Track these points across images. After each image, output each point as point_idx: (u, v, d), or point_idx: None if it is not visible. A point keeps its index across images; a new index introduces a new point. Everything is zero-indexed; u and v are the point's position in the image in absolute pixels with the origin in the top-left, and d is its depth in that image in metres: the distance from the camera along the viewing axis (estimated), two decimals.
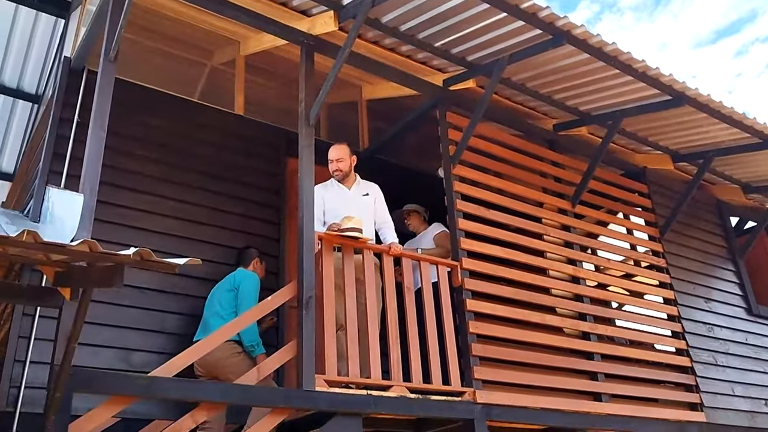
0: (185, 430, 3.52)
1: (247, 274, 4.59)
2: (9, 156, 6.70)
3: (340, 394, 3.90)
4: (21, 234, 2.04)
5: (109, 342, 4.35)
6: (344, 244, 4.35)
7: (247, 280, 4.50)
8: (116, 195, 4.66)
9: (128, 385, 3.37)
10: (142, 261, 2.27)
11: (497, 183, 5.51)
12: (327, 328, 4.03)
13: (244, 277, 4.52)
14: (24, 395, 3.87)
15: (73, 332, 2.81)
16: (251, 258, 4.80)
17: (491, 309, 4.83)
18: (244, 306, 4.30)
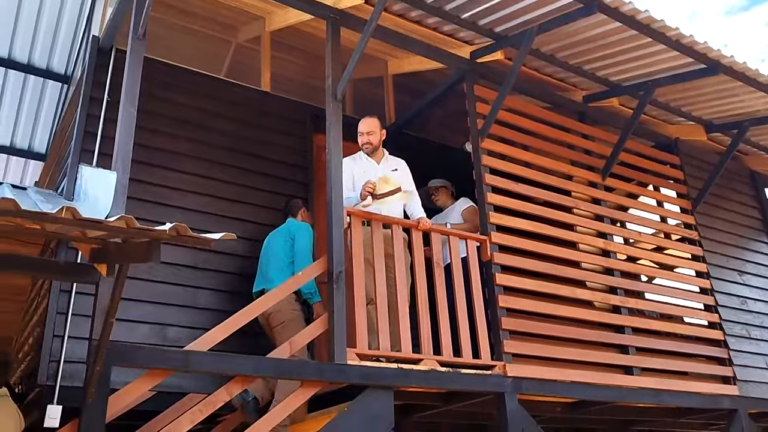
0: (220, 403, 3.59)
1: (301, 225, 4.70)
2: (41, 136, 6.80)
3: (372, 368, 3.94)
4: (60, 211, 2.07)
5: (144, 317, 4.43)
6: (373, 218, 4.36)
7: (302, 231, 4.61)
8: (146, 173, 4.70)
9: (165, 359, 3.43)
10: (178, 236, 2.30)
11: (526, 156, 5.45)
12: (357, 303, 4.05)
13: (299, 228, 4.63)
14: (63, 369, 3.97)
15: (110, 307, 2.87)
16: (298, 208, 4.90)
17: (521, 283, 4.81)
18: (301, 256, 4.41)
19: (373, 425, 3.83)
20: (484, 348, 4.46)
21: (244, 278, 4.90)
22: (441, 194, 5.64)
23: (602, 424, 6.49)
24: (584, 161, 5.87)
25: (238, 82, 5.54)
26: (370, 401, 3.87)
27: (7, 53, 6.05)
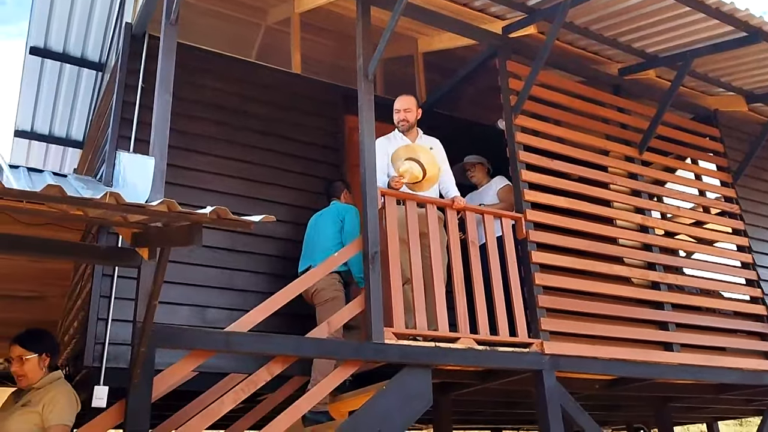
0: (261, 382, 3.65)
1: (349, 207, 4.76)
2: (78, 124, 6.93)
3: (409, 346, 3.96)
4: (104, 196, 2.11)
5: (184, 300, 4.51)
6: (407, 198, 4.35)
7: (350, 213, 4.67)
8: (181, 157, 4.76)
9: (207, 341, 3.50)
10: (218, 219, 2.33)
11: (560, 132, 5.36)
12: (393, 282, 4.07)
13: (347, 210, 4.69)
14: (108, 351, 4.07)
15: (153, 290, 2.93)
16: (341, 190, 4.96)
17: (557, 260, 4.77)
18: (350, 238, 4.44)
19: (412, 403, 3.86)
20: (520, 326, 4.45)
21: (280, 260, 4.96)
22: (477, 171, 5.60)
23: (641, 401, 6.45)
24: (620, 135, 5.76)
25: (268, 65, 5.55)
26: (408, 379, 3.89)
27: (43, 43, 6.15)
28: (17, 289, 5.53)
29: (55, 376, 3.40)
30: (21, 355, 3.32)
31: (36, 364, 3.34)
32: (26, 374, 3.32)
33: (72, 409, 3.30)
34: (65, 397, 3.29)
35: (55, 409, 3.21)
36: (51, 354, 3.41)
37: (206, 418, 3.42)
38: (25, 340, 3.37)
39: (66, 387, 3.38)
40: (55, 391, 3.27)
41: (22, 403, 3.29)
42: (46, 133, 7.00)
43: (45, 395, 3.25)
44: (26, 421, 3.20)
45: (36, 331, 3.48)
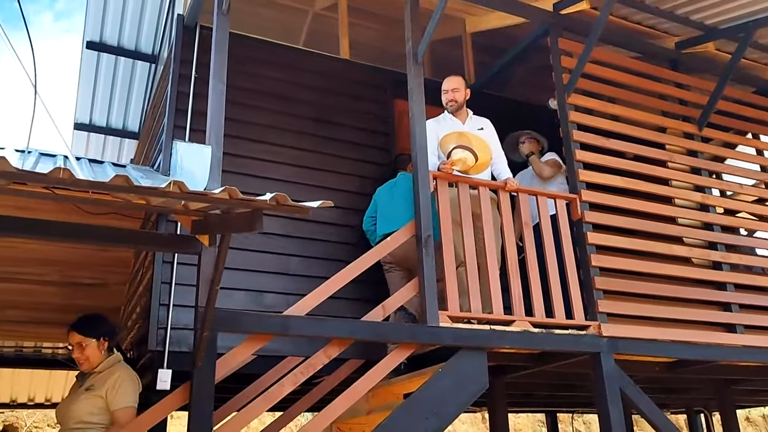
0: (319, 365, 3.71)
1: None
2: (133, 115, 7.12)
3: (464, 330, 3.95)
4: (168, 185, 2.16)
5: (240, 284, 4.60)
6: (459, 181, 4.33)
7: None
8: (235, 145, 4.83)
9: (266, 324, 3.57)
10: (278, 205, 2.36)
11: (615, 110, 5.23)
12: (447, 265, 4.06)
13: None
14: (171, 336, 4.20)
15: (215, 276, 3.00)
16: (407, 162, 4.95)
17: (614, 241, 4.68)
18: None
19: (468, 385, 3.87)
20: (577, 308, 4.39)
21: (332, 245, 5.01)
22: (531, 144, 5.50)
23: (702, 383, 6.30)
24: (678, 112, 5.58)
25: (317, 51, 5.58)
26: (463, 362, 3.89)
27: (99, 37, 6.32)
28: (82, 276, 5.76)
29: (115, 359, 3.53)
30: (80, 342, 3.45)
31: (95, 348, 3.47)
32: (87, 359, 3.46)
33: (135, 390, 3.43)
34: (128, 380, 3.41)
35: (119, 393, 3.33)
36: (109, 337, 3.53)
37: (267, 400, 3.49)
38: (81, 327, 3.49)
39: (127, 369, 3.50)
40: (117, 375, 3.39)
41: (86, 387, 3.41)
42: (103, 125, 7.21)
43: (107, 379, 3.37)
44: (91, 404, 3.33)
45: (91, 317, 3.60)
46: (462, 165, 4.34)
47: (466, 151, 4.33)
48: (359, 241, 4.98)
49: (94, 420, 3.31)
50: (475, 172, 4.42)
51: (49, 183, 2.17)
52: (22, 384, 7.82)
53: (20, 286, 5.77)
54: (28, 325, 6.35)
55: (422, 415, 3.65)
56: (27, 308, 6.05)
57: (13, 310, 6.07)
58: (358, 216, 5.11)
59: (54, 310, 6.08)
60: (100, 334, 3.49)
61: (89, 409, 3.32)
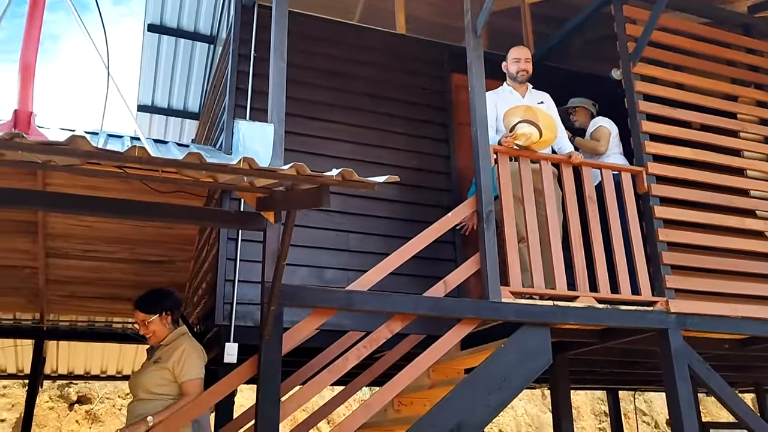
0: (382, 340, 3.74)
1: None
2: (194, 96, 7.26)
3: (527, 305, 3.92)
4: (239, 162, 2.20)
5: (302, 261, 4.67)
6: (521, 155, 4.26)
7: None
8: (293, 123, 4.86)
9: (330, 299, 3.62)
10: (344, 181, 2.37)
11: (683, 78, 5.03)
12: (509, 241, 4.02)
13: None
14: (236, 310, 4.31)
15: (281, 252, 3.05)
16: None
17: (682, 215, 4.53)
18: None
19: (531, 361, 3.84)
20: (643, 284, 4.28)
21: (391, 221, 5.02)
22: (580, 114, 5.38)
23: None
24: (750, 79, 5.32)
25: (373, 27, 5.54)
26: (526, 338, 3.87)
27: (159, 20, 6.45)
28: (149, 254, 5.95)
29: (180, 332, 3.64)
30: (143, 319, 3.58)
31: (158, 323, 3.59)
32: (153, 333, 3.59)
33: (201, 361, 3.54)
34: (194, 352, 3.52)
35: (186, 365, 3.44)
36: (171, 311, 3.64)
37: (332, 373, 3.55)
38: (143, 305, 3.61)
39: (192, 341, 3.60)
40: (182, 347, 3.50)
41: (154, 359, 3.54)
42: (165, 107, 7.39)
43: (173, 352, 3.48)
44: (159, 376, 3.45)
45: (152, 293, 3.71)
46: (525, 140, 4.25)
47: (531, 126, 4.24)
48: (417, 218, 4.98)
49: (162, 391, 3.44)
50: (538, 148, 4.33)
51: (124, 161, 2.24)
52: (95, 357, 8.20)
53: (92, 263, 6.02)
54: (100, 301, 6.63)
55: (485, 390, 3.65)
56: (99, 285, 6.31)
57: (85, 287, 6.34)
58: (415, 192, 5.11)
59: (124, 287, 6.32)
60: (162, 309, 3.60)
61: (157, 381, 3.45)
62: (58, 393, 11.68)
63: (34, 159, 2.66)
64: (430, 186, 5.22)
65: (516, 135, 4.24)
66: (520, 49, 4.71)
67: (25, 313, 6.83)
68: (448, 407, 3.54)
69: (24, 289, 6.27)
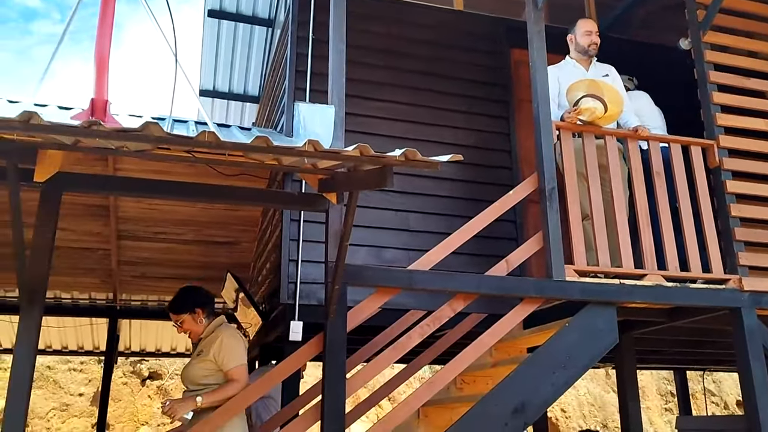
0: (445, 318, 3.76)
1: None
2: (253, 80, 7.38)
3: (593, 284, 3.86)
4: (305, 144, 2.24)
5: (362, 241, 4.71)
6: (584, 130, 4.16)
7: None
8: (351, 104, 4.87)
9: (392, 278, 3.66)
10: (407, 161, 2.38)
11: (756, 46, 4.78)
12: (572, 218, 3.95)
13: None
14: (300, 290, 4.40)
15: (344, 232, 3.09)
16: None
17: (756, 189, 4.35)
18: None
19: (597, 340, 3.79)
20: (714, 261, 4.14)
21: (450, 200, 5.01)
22: None
23: None
24: None
25: (430, 4, 5.49)
26: (592, 317, 3.81)
27: (219, 5, 6.57)
28: (215, 235, 6.15)
29: (217, 323, 3.65)
30: (176, 320, 3.62)
31: (192, 321, 3.61)
32: (190, 331, 3.63)
33: (241, 348, 3.54)
34: (232, 340, 3.52)
35: (227, 355, 3.46)
36: (202, 306, 3.63)
37: (396, 351, 3.60)
38: (172, 307, 3.66)
39: (229, 330, 3.61)
40: (220, 338, 3.51)
41: (197, 353, 3.60)
42: (226, 91, 7.54)
43: (213, 343, 3.51)
44: (204, 368, 3.50)
45: (179, 294, 3.73)
46: (589, 115, 4.15)
47: (596, 100, 4.13)
48: (477, 196, 4.94)
49: (209, 381, 3.47)
50: (603, 123, 4.22)
51: (194, 146, 2.31)
52: (165, 335, 8.54)
53: (161, 245, 6.26)
54: (169, 281, 6.88)
55: (550, 369, 3.62)
56: (168, 265, 6.56)
57: (155, 267, 6.60)
58: (475, 171, 5.07)
59: (192, 267, 6.55)
60: (191, 308, 3.61)
61: (202, 373, 3.49)
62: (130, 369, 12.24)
63: (108, 145, 2.78)
64: (490, 164, 5.17)
65: (580, 110, 4.14)
66: (589, 21, 4.59)
67: (100, 293, 7.16)
68: (512, 385, 3.54)
69: (98, 270, 6.58)
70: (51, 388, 11.88)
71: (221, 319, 3.70)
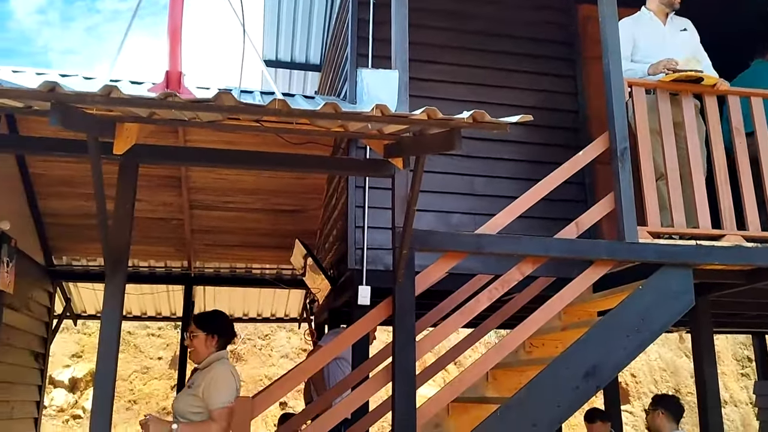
0: (513, 282, 3.73)
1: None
2: (314, 48, 7.40)
3: (667, 245, 3.74)
4: (372, 109, 2.24)
5: (427, 206, 4.70)
6: (659, 86, 3.99)
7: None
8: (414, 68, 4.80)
9: (461, 243, 3.65)
10: (475, 123, 2.35)
11: None
12: (645, 178, 3.83)
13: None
14: (367, 255, 4.46)
15: (411, 197, 3.09)
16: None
17: None
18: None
19: (671, 303, 3.69)
20: None
21: (517, 163, 4.93)
22: None
23: None
24: None
25: None
26: (666, 279, 3.71)
27: None
28: (283, 203, 6.28)
29: (216, 357, 3.48)
30: (192, 331, 3.50)
31: (203, 341, 3.47)
32: (195, 349, 3.50)
33: (230, 389, 3.35)
34: (223, 380, 3.36)
35: (214, 393, 3.30)
36: (219, 335, 3.51)
37: (464, 315, 3.61)
38: (198, 319, 3.57)
39: (224, 367, 3.44)
40: (213, 373, 3.37)
41: (189, 383, 3.53)
42: (288, 60, 7.60)
43: (206, 376, 3.37)
44: (189, 403, 3.38)
45: (211, 313, 3.70)
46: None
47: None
48: (544, 159, 4.84)
49: (195, 418, 3.34)
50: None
51: (265, 114, 2.35)
52: (237, 301, 8.83)
53: (231, 214, 6.44)
54: (240, 249, 7.10)
55: (623, 332, 3.56)
56: (238, 233, 6.76)
57: (226, 236, 6.81)
58: (541, 132, 4.96)
59: (260, 235, 6.73)
60: (210, 330, 3.50)
61: (190, 407, 3.38)
62: None
63: (181, 117, 2.86)
64: (557, 125, 5.05)
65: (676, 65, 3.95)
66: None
67: (175, 261, 7.45)
68: (583, 349, 3.50)
69: (172, 239, 6.84)
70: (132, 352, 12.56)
71: (222, 354, 3.55)
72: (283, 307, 9.02)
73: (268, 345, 13.14)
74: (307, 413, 4.36)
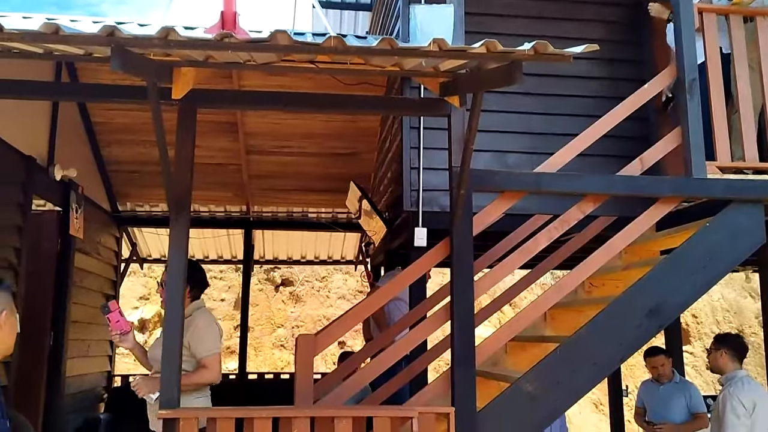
0: (573, 221, 3.66)
1: None
2: None
3: (737, 180, 3.59)
4: (430, 44, 2.18)
5: (484, 146, 4.60)
6: (730, 12, 3.75)
7: None
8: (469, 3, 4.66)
9: (518, 182, 3.58)
10: (537, 55, 2.27)
11: None
12: (715, 111, 3.65)
13: None
14: (423, 197, 4.43)
15: (469, 136, 3.03)
16: None
17: None
18: None
19: (740, 241, 3.56)
20: None
21: (577, 99, 4.77)
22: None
23: None
24: None
25: None
26: (735, 216, 3.56)
27: None
28: (337, 147, 6.28)
29: (195, 306, 3.49)
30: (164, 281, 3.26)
31: None
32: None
33: (216, 336, 3.42)
34: (207, 328, 3.41)
35: (200, 342, 3.35)
36: (192, 285, 3.46)
37: (523, 255, 3.58)
38: None
39: (205, 316, 3.48)
40: (196, 322, 3.40)
41: None
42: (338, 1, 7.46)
43: (188, 327, 3.33)
44: None
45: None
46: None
47: None
48: (606, 94, 4.66)
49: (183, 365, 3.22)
50: None
51: (320, 53, 2.31)
52: (295, 244, 9.00)
53: (286, 158, 6.50)
54: (296, 193, 7.19)
55: (688, 271, 3.47)
56: (293, 178, 6.83)
57: (282, 180, 6.90)
58: (603, 66, 4.76)
59: (315, 179, 6.78)
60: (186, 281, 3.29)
61: None
62: (265, 276, 13.15)
63: (236, 59, 2.86)
64: (621, 58, 4.83)
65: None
66: None
67: (234, 206, 7.61)
68: (646, 287, 3.43)
69: (230, 184, 6.97)
70: None
71: (201, 303, 3.57)
72: (339, 250, 9.14)
73: (326, 287, 13.43)
74: (367, 351, 4.46)
